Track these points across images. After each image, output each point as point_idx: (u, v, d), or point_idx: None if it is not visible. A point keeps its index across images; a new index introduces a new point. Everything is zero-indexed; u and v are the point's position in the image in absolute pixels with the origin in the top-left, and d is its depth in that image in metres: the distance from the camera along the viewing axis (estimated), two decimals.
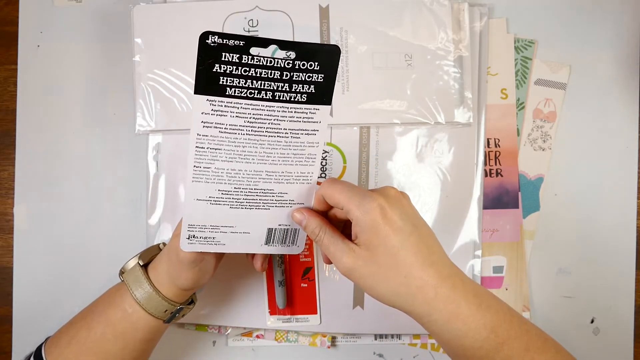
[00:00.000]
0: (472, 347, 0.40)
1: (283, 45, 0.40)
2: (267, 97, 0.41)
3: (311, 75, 0.41)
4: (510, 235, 0.59)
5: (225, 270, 0.56)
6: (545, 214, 0.60)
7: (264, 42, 0.40)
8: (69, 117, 0.59)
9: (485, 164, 0.59)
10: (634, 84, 0.60)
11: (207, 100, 0.41)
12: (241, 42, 0.39)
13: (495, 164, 0.59)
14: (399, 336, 0.59)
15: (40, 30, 0.60)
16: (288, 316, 0.58)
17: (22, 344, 0.58)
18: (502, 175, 0.59)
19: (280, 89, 0.41)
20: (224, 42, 0.38)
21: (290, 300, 0.58)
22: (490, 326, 0.40)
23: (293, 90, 0.41)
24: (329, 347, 0.59)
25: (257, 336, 0.59)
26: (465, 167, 0.59)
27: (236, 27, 0.57)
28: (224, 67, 0.40)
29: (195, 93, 0.40)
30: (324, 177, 0.58)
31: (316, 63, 0.41)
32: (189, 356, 0.58)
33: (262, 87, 0.41)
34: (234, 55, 0.39)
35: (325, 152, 0.58)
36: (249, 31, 0.57)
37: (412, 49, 0.58)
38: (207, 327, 0.59)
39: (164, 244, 0.53)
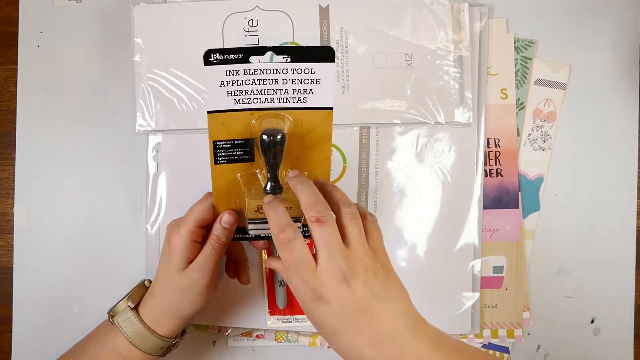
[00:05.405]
0: None
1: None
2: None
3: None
4: (510, 235, 0.59)
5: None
6: (545, 214, 0.60)
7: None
8: (68, 117, 0.59)
9: (485, 164, 0.59)
10: (634, 84, 0.60)
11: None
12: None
13: (495, 164, 0.59)
14: None
15: (40, 30, 0.59)
16: (288, 316, 0.58)
17: (22, 344, 0.58)
18: (502, 175, 0.59)
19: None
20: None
21: (291, 300, 0.58)
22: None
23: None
24: (329, 347, 0.59)
25: (257, 336, 0.59)
26: (465, 167, 0.59)
27: (236, 27, 0.57)
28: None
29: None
30: None
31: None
32: (189, 356, 0.58)
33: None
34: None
35: None
36: (249, 31, 0.57)
37: (412, 49, 0.58)
38: (207, 327, 0.59)
39: (149, 281, 0.53)
